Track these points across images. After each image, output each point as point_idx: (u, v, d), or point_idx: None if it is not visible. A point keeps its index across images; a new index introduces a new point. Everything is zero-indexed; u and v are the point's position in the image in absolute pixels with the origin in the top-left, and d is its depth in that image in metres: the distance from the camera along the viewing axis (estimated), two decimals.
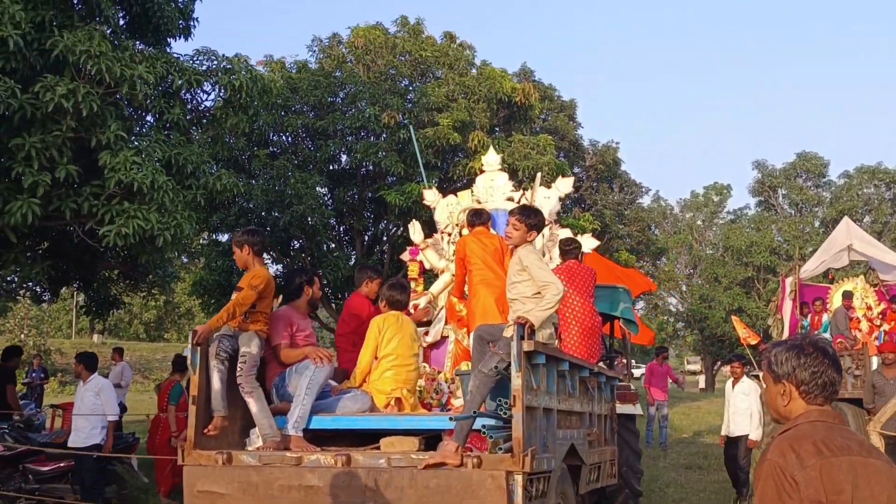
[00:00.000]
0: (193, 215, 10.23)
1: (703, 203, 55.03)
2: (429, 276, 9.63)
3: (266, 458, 5.69)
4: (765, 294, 42.95)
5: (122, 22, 10.95)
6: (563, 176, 21.21)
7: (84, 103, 8.74)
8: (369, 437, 6.14)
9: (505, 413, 5.47)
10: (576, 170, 32.43)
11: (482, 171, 9.63)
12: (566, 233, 8.98)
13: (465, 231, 8.34)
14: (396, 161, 18.76)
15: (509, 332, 5.47)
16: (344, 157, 20.69)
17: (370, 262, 19.60)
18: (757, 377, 19.56)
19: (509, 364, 5.40)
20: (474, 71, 22.67)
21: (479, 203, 9.00)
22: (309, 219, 18.49)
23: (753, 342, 18.71)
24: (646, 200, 45.30)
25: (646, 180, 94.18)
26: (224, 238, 20.40)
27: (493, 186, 9.23)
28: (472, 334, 6.68)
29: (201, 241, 21.31)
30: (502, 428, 5.45)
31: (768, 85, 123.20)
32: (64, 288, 14.35)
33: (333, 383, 6.59)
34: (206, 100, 11.18)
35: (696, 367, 55.53)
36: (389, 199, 18.45)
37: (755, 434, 11.66)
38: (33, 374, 21.00)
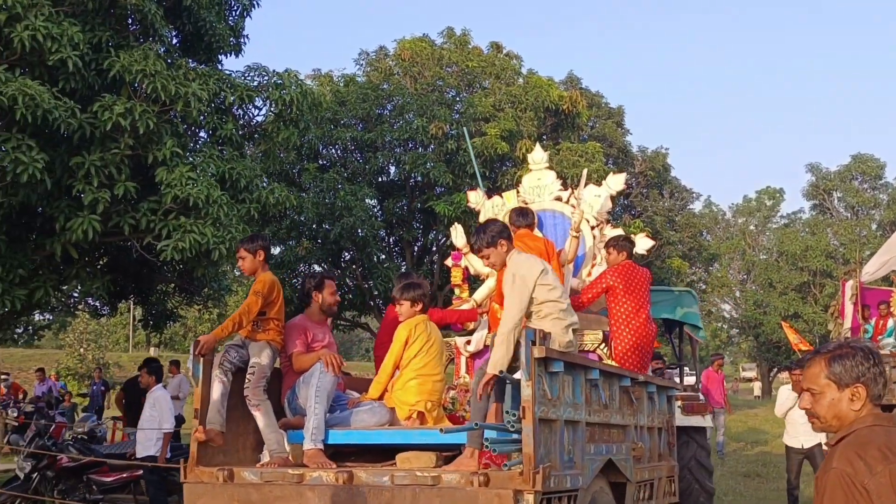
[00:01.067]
0: (247, 228, 10.38)
1: (755, 208, 54.29)
2: (473, 282, 9.28)
3: (268, 475, 5.41)
4: (821, 299, 42.15)
5: (175, 41, 11.21)
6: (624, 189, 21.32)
7: (140, 121, 8.94)
8: (391, 452, 5.70)
9: (513, 426, 4.95)
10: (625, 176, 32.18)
11: (529, 171, 9.18)
12: (619, 232, 8.44)
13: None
14: (445, 171, 18.84)
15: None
16: (392, 169, 20.85)
17: (420, 272, 19.69)
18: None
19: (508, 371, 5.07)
20: (521, 80, 22.70)
21: (526, 203, 8.53)
22: (359, 230, 18.64)
23: (804, 349, 18.39)
24: (697, 206, 44.85)
25: (696, 186, 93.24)
26: (276, 251, 20.66)
27: (540, 186, 8.75)
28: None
29: None
30: (513, 442, 4.97)
31: (821, 86, 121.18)
32: (122, 302, 14.63)
33: (355, 394, 6.29)
34: (258, 115, 11.36)
35: (752, 373, 54.68)
36: (438, 210, 18.53)
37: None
38: (94, 387, 21.50)
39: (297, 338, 6.16)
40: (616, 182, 8.59)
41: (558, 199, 8.59)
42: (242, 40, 11.98)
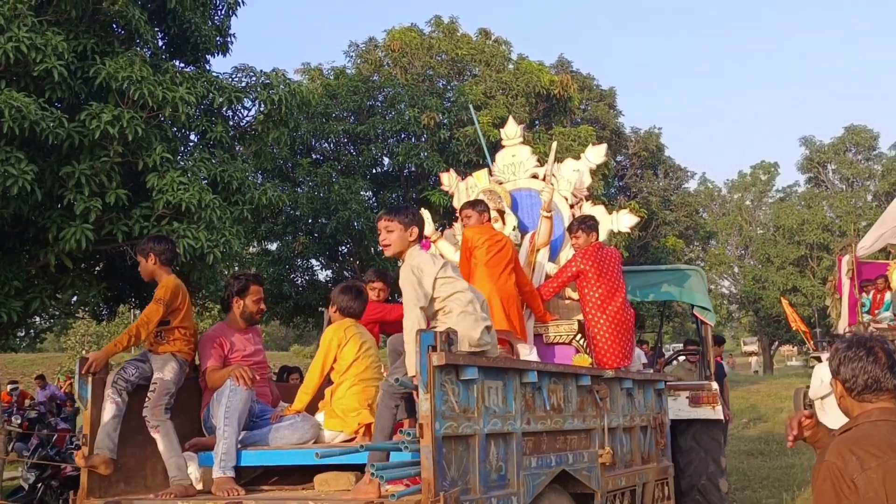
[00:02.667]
0: (241, 230, 10.37)
1: (751, 183, 54.30)
2: None
3: None
4: (819, 272, 42.23)
5: (161, 43, 11.13)
6: (605, 165, 21.23)
7: (129, 128, 8.91)
8: (323, 470, 5.06)
9: (405, 447, 4.25)
10: (619, 158, 32.21)
11: (502, 146, 8.27)
12: (600, 210, 7.55)
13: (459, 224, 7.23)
14: (438, 161, 18.81)
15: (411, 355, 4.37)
16: (386, 161, 20.81)
17: None
18: (818, 359, 19.26)
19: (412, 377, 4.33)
20: (511, 66, 22.64)
21: (500, 183, 7.88)
22: (355, 223, 18.63)
23: (803, 329, 18.44)
24: (692, 184, 44.79)
25: (691, 164, 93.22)
26: (273, 247, 20.64)
27: (515, 163, 7.97)
28: (387, 345, 5.30)
29: (250, 250, 21.61)
30: (411, 465, 4.26)
31: (812, 59, 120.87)
32: (120, 306, 14.63)
33: (285, 405, 5.70)
34: (247, 115, 11.32)
35: (753, 347, 54.84)
36: (433, 200, 18.51)
37: None
38: None
39: (212, 350, 5.58)
40: (595, 154, 7.82)
41: (534, 176, 7.83)
42: (229, 39, 11.92)
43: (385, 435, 4.70)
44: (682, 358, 11.38)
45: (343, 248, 20.64)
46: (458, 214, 7.28)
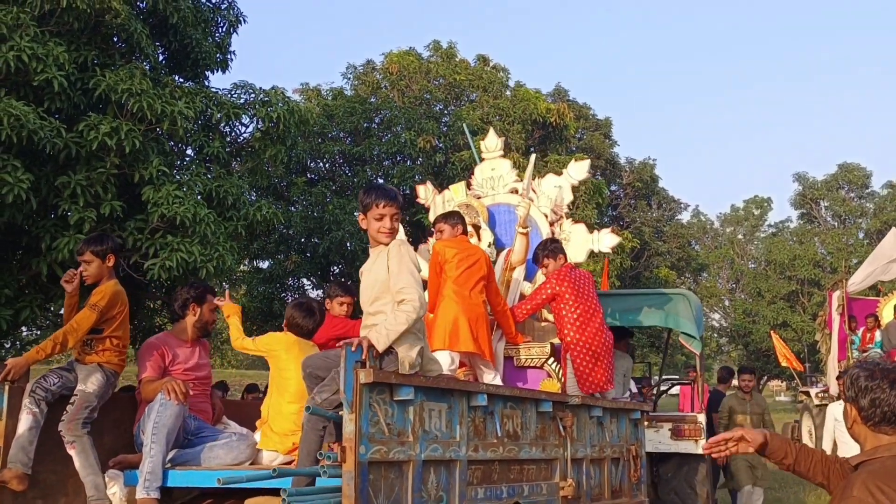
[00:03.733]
0: (235, 246, 10.37)
1: (743, 217, 54.53)
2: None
3: None
4: (810, 308, 42.33)
5: (161, 58, 11.20)
6: (600, 194, 21.36)
7: (127, 140, 8.93)
8: (248, 495, 4.58)
9: (325, 472, 3.85)
10: (613, 188, 32.36)
11: (483, 160, 7.95)
12: (581, 229, 7.24)
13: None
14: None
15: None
16: (381, 182, 20.86)
17: None
18: (807, 393, 19.23)
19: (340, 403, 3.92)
20: (508, 93, 22.79)
21: (478, 198, 7.58)
22: (348, 244, 18.63)
23: (793, 364, 18.45)
24: (685, 216, 45.07)
25: (685, 196, 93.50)
26: (265, 265, 20.60)
27: (494, 177, 7.62)
28: (302, 368, 4.85)
29: (242, 267, 21.59)
30: (331, 491, 3.87)
31: (807, 96, 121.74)
32: None
33: (230, 422, 5.46)
34: (245, 132, 11.38)
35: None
36: (427, 223, 18.54)
37: None
38: None
39: (150, 361, 5.20)
40: (577, 170, 7.46)
41: (514, 191, 7.48)
42: (229, 56, 12.01)
43: (311, 459, 4.27)
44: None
45: (335, 267, 20.63)
46: (432, 228, 6.87)
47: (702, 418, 8.10)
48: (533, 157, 7.66)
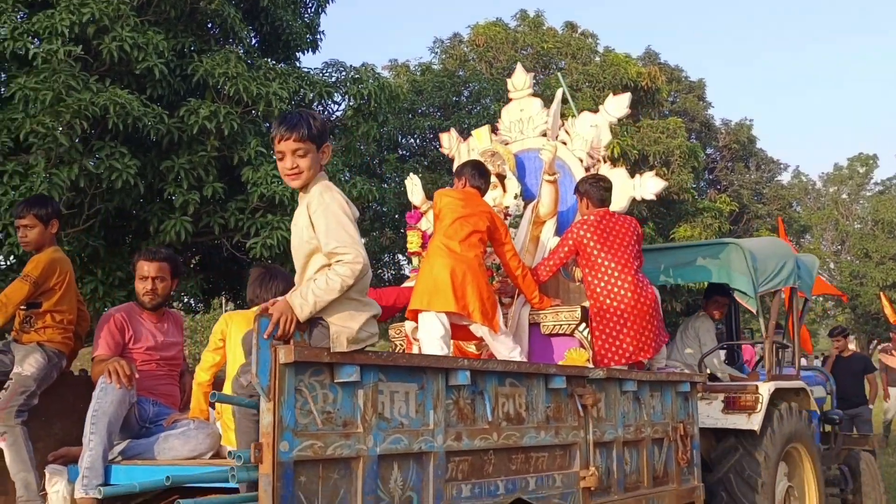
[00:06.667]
0: None
1: (847, 176, 52.45)
2: None
3: None
4: None
5: (253, 42, 11.46)
6: (695, 158, 20.86)
7: (225, 123, 9.20)
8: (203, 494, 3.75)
9: (232, 476, 3.14)
10: (708, 151, 31.58)
11: (510, 100, 6.95)
12: (621, 174, 6.22)
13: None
14: None
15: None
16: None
17: None
18: None
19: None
20: (597, 59, 22.42)
21: (506, 144, 6.67)
22: None
23: None
24: (785, 177, 43.61)
25: (784, 156, 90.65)
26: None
27: (523, 119, 6.67)
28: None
29: None
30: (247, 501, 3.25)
31: None
32: (214, 298, 15.08)
33: (177, 415, 4.62)
34: (337, 110, 11.56)
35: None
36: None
37: None
38: None
39: (104, 336, 4.55)
40: (616, 106, 6.47)
41: (544, 134, 6.52)
42: (319, 36, 12.21)
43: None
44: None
45: None
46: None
47: (764, 388, 6.45)
48: (560, 90, 6.69)
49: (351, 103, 11.24)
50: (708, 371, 7.17)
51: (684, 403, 5.66)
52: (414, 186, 6.93)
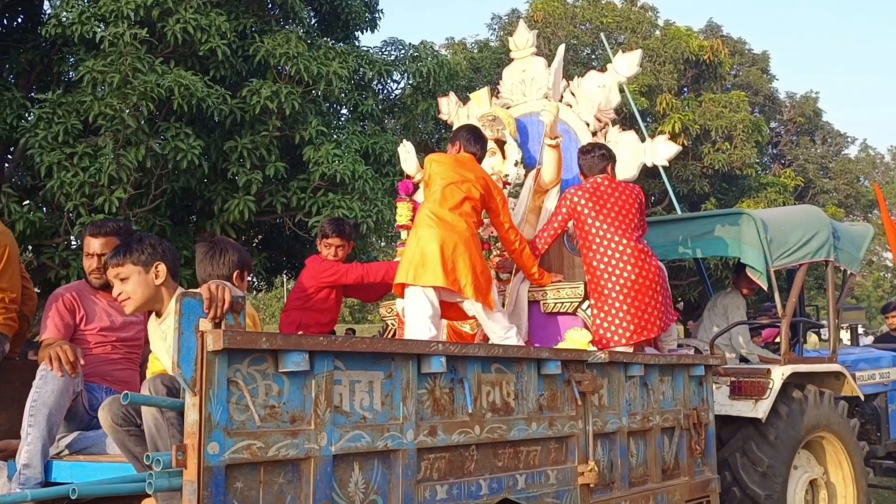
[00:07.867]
0: (392, 202, 10.62)
1: None
2: None
3: None
4: None
5: (313, 21, 11.54)
6: (759, 132, 20.42)
7: (286, 103, 9.29)
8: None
9: (149, 485, 2.65)
10: (773, 125, 30.90)
11: (511, 60, 6.33)
12: (630, 137, 5.60)
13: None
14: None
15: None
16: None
17: None
18: None
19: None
20: (658, 32, 22.05)
21: (507, 107, 6.07)
22: None
23: None
24: (852, 151, 42.38)
25: (851, 130, 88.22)
26: None
27: (525, 80, 6.06)
28: None
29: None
30: None
31: None
32: (276, 277, 15.31)
33: None
34: (396, 88, 11.59)
35: None
36: None
37: None
38: None
39: (52, 317, 4.05)
40: (626, 65, 5.79)
41: (546, 96, 5.90)
42: (377, 15, 12.22)
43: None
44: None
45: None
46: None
47: (777, 373, 5.90)
48: (561, 47, 5.97)
49: (410, 81, 11.25)
50: (731, 354, 6.61)
51: (698, 388, 5.10)
52: (407, 154, 6.18)
